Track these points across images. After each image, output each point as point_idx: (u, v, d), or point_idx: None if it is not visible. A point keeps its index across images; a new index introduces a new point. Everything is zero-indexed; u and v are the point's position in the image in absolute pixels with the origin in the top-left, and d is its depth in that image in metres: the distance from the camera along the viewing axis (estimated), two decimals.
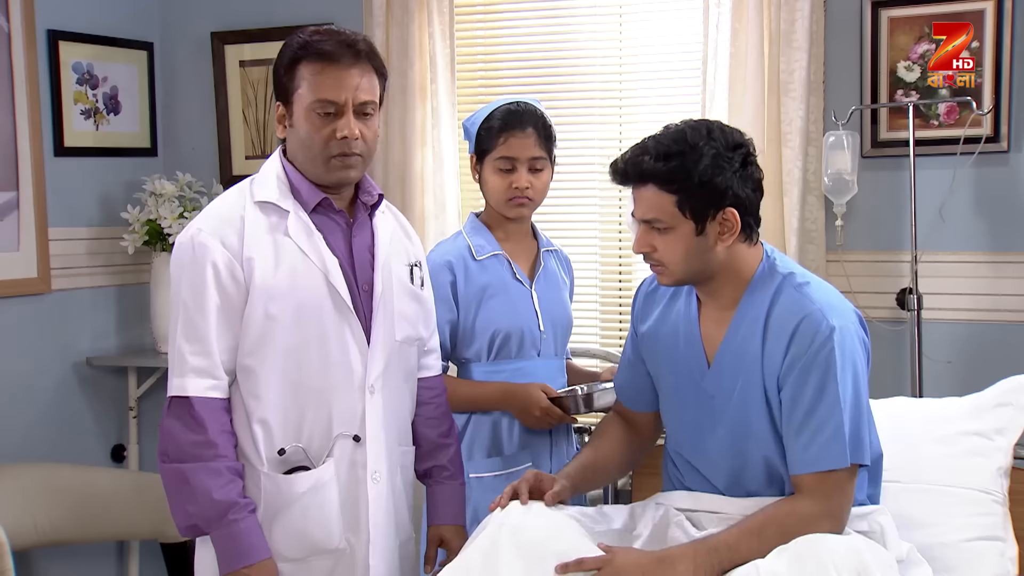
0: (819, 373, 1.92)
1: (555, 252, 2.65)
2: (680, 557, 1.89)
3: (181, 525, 2.00)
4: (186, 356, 1.98)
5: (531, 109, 2.49)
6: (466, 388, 2.49)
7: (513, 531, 1.92)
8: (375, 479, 2.11)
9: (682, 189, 1.95)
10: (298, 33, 2.08)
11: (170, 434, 1.99)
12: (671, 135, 1.98)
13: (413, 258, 2.24)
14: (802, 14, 3.05)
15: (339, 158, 2.04)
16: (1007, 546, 2.19)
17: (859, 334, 1.99)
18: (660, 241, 2.00)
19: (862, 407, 1.96)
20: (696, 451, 2.10)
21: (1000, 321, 3.04)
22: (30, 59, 3.40)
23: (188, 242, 2.03)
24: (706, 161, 1.94)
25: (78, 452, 3.59)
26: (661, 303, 2.18)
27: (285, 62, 2.06)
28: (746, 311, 2.02)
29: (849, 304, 2.03)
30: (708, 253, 1.99)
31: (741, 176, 1.97)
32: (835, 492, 1.91)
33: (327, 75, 2.02)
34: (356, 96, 2.04)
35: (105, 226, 3.68)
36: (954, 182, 3.02)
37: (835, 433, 1.90)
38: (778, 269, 2.03)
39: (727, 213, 1.97)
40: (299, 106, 2.04)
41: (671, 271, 2.02)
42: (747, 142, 2.01)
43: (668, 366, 2.14)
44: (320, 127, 2.03)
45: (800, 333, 1.94)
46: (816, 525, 1.88)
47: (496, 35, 3.61)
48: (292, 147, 2.10)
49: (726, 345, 2.04)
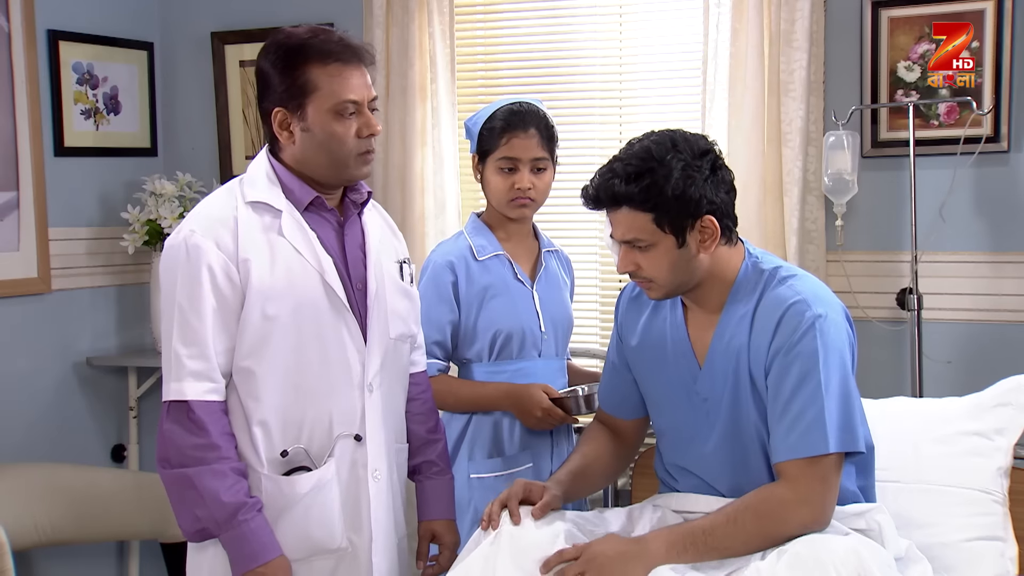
0: (802, 360, 1.91)
1: (556, 253, 2.65)
2: (654, 538, 1.91)
3: (189, 530, 1.99)
4: (183, 360, 1.96)
5: (534, 110, 2.49)
6: (467, 388, 2.49)
7: (511, 537, 1.93)
8: (376, 477, 2.11)
9: (657, 206, 1.94)
10: (283, 35, 2.05)
11: (170, 439, 1.96)
12: (637, 154, 1.96)
13: (401, 255, 2.25)
14: (802, 14, 3.05)
15: (365, 155, 2.06)
16: (1007, 546, 2.19)
17: (843, 324, 1.98)
18: (643, 259, 1.99)
19: (851, 395, 1.94)
20: (696, 458, 2.10)
21: (1000, 321, 3.04)
22: (30, 59, 3.40)
23: (181, 244, 1.99)
24: (676, 174, 1.93)
25: (78, 452, 3.60)
26: (645, 311, 2.18)
27: (285, 64, 2.02)
28: (733, 311, 2.02)
29: (835, 298, 2.02)
30: (692, 262, 1.99)
31: (712, 182, 1.97)
32: (814, 479, 1.89)
33: (345, 76, 2.01)
34: (369, 94, 2.07)
35: (105, 226, 3.69)
36: (954, 182, 3.02)
37: (815, 420, 1.89)
38: (762, 266, 2.03)
39: (705, 221, 1.96)
40: (318, 108, 2.01)
41: (659, 285, 2.02)
42: (712, 146, 2.01)
43: (659, 375, 2.14)
44: (349, 127, 2.03)
45: (784, 322, 1.94)
46: (792, 511, 1.88)
47: (496, 35, 3.61)
48: (303, 150, 2.05)
49: (715, 346, 2.04)
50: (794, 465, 1.90)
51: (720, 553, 1.90)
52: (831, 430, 1.89)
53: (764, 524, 1.88)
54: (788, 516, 1.88)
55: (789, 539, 1.87)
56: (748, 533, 1.89)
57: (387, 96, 3.49)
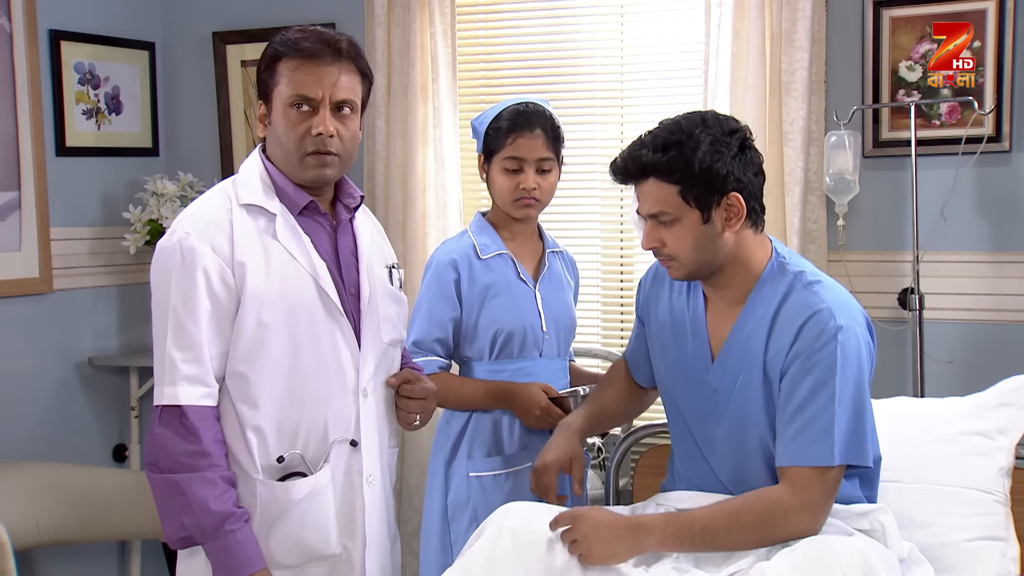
0: (820, 369, 1.92)
1: (560, 253, 2.65)
2: (651, 527, 1.92)
3: (174, 537, 1.96)
4: (177, 364, 1.94)
5: (540, 110, 2.49)
6: (467, 387, 2.49)
7: (513, 534, 1.93)
8: (370, 482, 2.10)
9: (684, 178, 1.95)
10: (281, 32, 2.06)
11: (161, 444, 1.94)
12: (667, 127, 2.00)
13: (390, 259, 2.24)
14: (804, 14, 3.05)
15: (314, 156, 2.01)
16: (1008, 546, 2.19)
17: (865, 338, 1.98)
18: (668, 234, 2.00)
19: (864, 409, 1.95)
20: (705, 441, 2.11)
21: (1002, 321, 3.04)
22: (32, 59, 3.40)
23: (175, 247, 1.96)
24: (704, 148, 1.95)
25: (80, 452, 3.60)
26: (669, 292, 2.20)
27: (266, 61, 2.05)
28: (755, 308, 2.02)
29: (859, 307, 2.03)
30: (717, 240, 1.99)
31: (741, 160, 1.98)
32: (817, 487, 1.90)
33: (304, 71, 1.99)
34: (334, 93, 2.00)
35: (107, 226, 3.69)
36: (956, 182, 3.02)
37: (825, 430, 1.90)
38: (788, 268, 2.03)
39: (731, 198, 1.97)
40: (277, 102, 2.02)
41: (682, 263, 2.02)
42: (743, 128, 2.02)
43: (674, 358, 2.15)
44: (296, 123, 2.00)
45: (807, 329, 1.94)
46: (793, 518, 1.89)
47: (498, 35, 3.61)
48: (271, 146, 2.07)
49: (731, 341, 2.04)
50: (799, 472, 1.91)
51: (711, 548, 1.91)
52: (839, 442, 1.90)
53: (762, 526, 1.89)
54: (787, 521, 1.89)
55: (782, 541, 1.88)
56: (745, 532, 1.90)
57: (388, 96, 3.49)
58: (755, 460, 2.03)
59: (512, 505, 2.03)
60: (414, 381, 2.17)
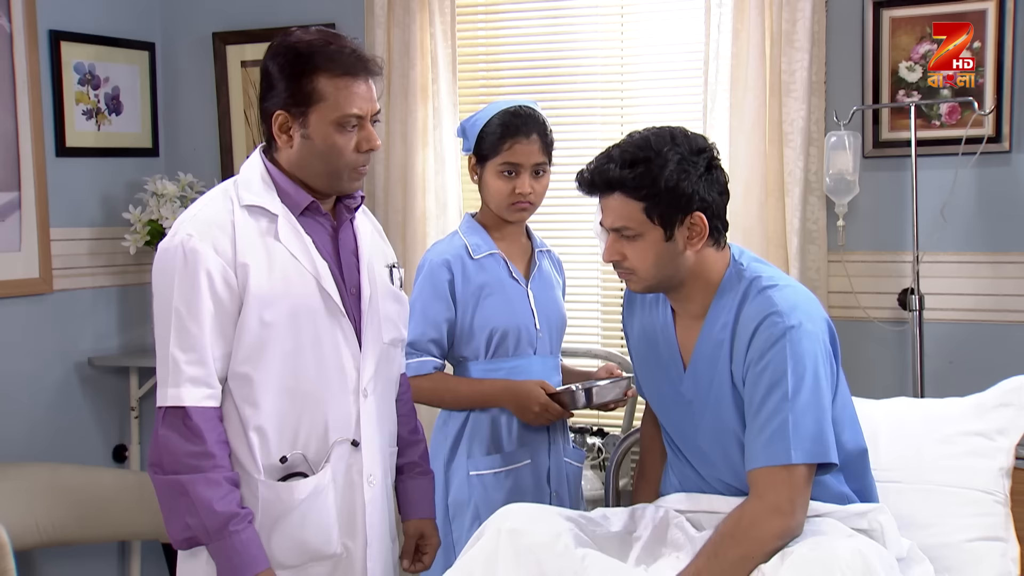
0: (771, 370, 1.92)
1: (548, 253, 2.67)
2: None
3: (178, 537, 1.96)
4: (181, 365, 1.94)
5: (533, 114, 2.50)
6: (464, 386, 2.50)
7: (513, 535, 1.93)
8: (371, 482, 2.10)
9: (649, 196, 1.96)
10: (293, 38, 2.03)
11: (165, 445, 1.94)
12: (635, 142, 2.00)
13: (390, 259, 2.25)
14: (803, 14, 3.05)
15: (360, 169, 2.06)
16: (1008, 546, 2.19)
17: (822, 336, 1.96)
18: (630, 249, 2.01)
19: (823, 405, 1.92)
20: (691, 450, 2.12)
21: (1001, 321, 3.04)
22: (32, 59, 3.40)
23: (178, 248, 1.96)
24: (671, 166, 1.95)
25: (80, 452, 3.60)
26: (641, 306, 2.21)
27: (293, 69, 2.00)
28: (716, 317, 2.04)
29: (816, 308, 2.01)
30: (678, 258, 2.01)
31: (706, 180, 1.99)
32: (781, 488, 1.88)
33: (353, 90, 2.00)
34: (373, 107, 2.05)
35: (107, 226, 3.69)
36: (956, 182, 3.02)
37: (779, 430, 1.89)
38: (744, 274, 2.04)
39: (695, 217, 1.98)
40: (321, 118, 2.00)
41: (641, 277, 2.04)
42: (710, 147, 2.03)
43: (652, 372, 2.17)
44: (349, 140, 2.02)
45: (759, 333, 1.95)
46: (764, 523, 1.87)
47: (498, 35, 3.62)
48: (301, 156, 2.04)
49: (698, 352, 2.06)
50: (761, 474, 1.90)
51: None
52: (795, 440, 1.88)
53: (743, 546, 1.87)
54: (762, 530, 1.87)
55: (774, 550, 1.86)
56: (731, 562, 1.87)
57: (388, 96, 3.49)
58: (740, 466, 2.01)
59: (511, 507, 2.04)
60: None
